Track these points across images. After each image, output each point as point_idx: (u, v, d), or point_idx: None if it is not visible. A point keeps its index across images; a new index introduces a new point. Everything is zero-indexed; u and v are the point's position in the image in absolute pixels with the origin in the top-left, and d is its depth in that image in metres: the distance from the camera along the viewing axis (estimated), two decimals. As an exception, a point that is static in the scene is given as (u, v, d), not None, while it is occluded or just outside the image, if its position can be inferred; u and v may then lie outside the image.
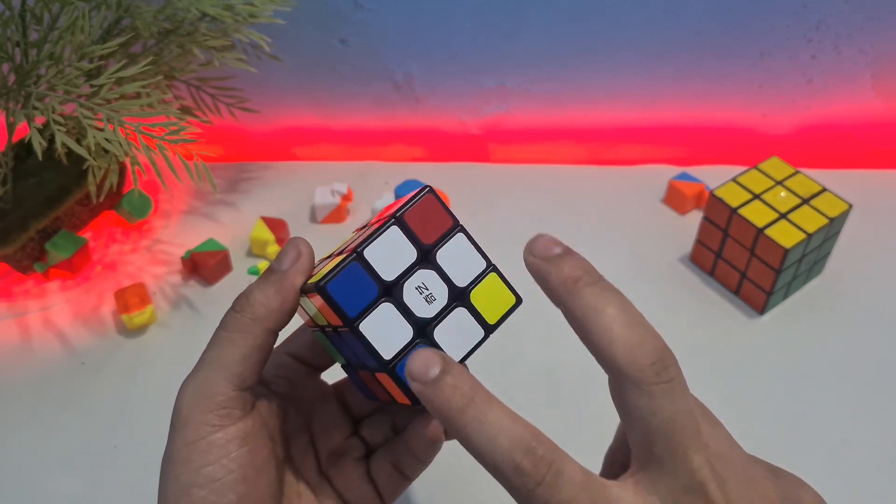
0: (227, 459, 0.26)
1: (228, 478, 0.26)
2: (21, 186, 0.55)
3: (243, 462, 0.26)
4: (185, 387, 0.27)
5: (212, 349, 0.27)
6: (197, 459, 0.26)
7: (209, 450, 0.26)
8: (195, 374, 0.27)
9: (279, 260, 0.28)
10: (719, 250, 0.55)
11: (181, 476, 0.26)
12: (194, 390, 0.27)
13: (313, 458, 0.32)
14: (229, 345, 0.27)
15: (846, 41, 0.62)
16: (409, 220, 0.27)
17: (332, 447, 0.33)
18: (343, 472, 0.32)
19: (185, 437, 0.26)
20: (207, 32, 0.54)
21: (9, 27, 0.47)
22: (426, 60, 0.65)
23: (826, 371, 0.51)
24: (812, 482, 0.41)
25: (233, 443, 0.26)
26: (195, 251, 0.57)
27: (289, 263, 0.28)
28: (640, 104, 0.68)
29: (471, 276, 0.28)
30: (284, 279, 0.27)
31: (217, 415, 0.26)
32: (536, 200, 0.65)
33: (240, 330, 0.27)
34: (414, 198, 0.27)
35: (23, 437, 0.47)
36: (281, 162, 0.69)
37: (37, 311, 0.55)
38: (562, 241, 0.26)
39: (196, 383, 0.27)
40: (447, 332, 0.27)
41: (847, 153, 0.69)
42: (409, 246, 0.27)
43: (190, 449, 0.26)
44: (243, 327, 0.27)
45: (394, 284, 0.26)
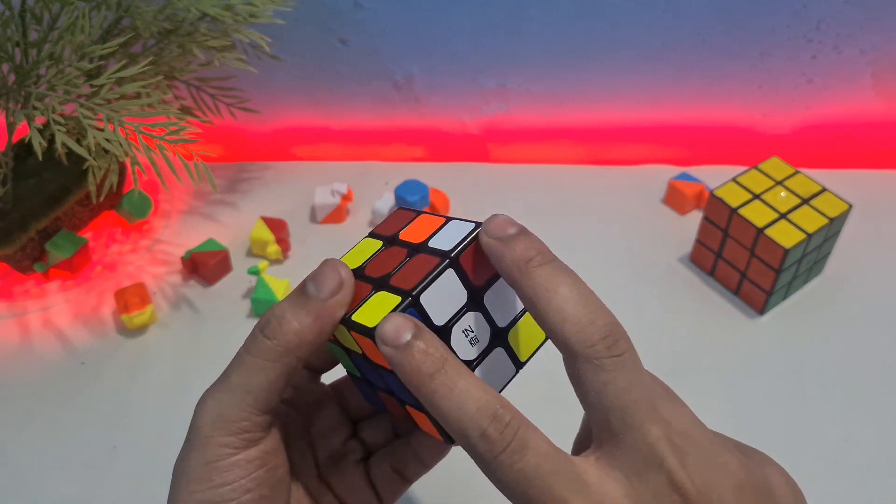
0: (246, 480, 0.26)
1: (245, 497, 0.26)
2: (21, 186, 0.55)
3: (261, 481, 0.26)
4: (205, 404, 0.26)
5: (237, 372, 0.26)
6: (215, 479, 0.26)
7: (229, 470, 0.26)
8: (217, 394, 0.26)
9: (318, 285, 0.26)
10: (719, 250, 0.55)
11: (196, 493, 0.26)
12: (217, 411, 0.26)
13: (313, 461, 0.32)
14: (257, 372, 0.26)
15: (846, 41, 0.62)
16: (464, 262, 0.26)
17: (332, 450, 0.32)
18: (342, 476, 0.32)
19: (205, 456, 0.26)
20: (207, 32, 0.54)
21: (9, 27, 0.47)
22: (426, 60, 0.65)
23: (826, 371, 0.51)
24: (812, 482, 0.41)
25: (252, 463, 0.26)
26: (195, 251, 0.57)
27: (329, 293, 0.26)
28: (640, 104, 0.68)
29: (510, 316, 0.27)
30: (324, 309, 0.26)
31: (239, 438, 0.26)
32: (536, 200, 0.65)
33: (269, 358, 0.26)
34: (468, 236, 0.26)
35: (23, 437, 0.47)
36: (281, 162, 0.69)
37: (37, 311, 0.55)
38: (517, 222, 0.26)
39: (218, 403, 0.26)
40: (484, 372, 0.27)
41: (847, 153, 0.69)
42: (461, 288, 0.26)
43: (209, 469, 0.26)
44: (273, 356, 0.26)
45: (443, 328, 0.26)
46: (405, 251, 0.27)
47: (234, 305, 0.55)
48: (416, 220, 0.29)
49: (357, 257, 0.29)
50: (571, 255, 0.29)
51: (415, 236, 0.28)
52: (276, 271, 0.58)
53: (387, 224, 0.30)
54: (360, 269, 0.28)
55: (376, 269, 0.27)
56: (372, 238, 0.29)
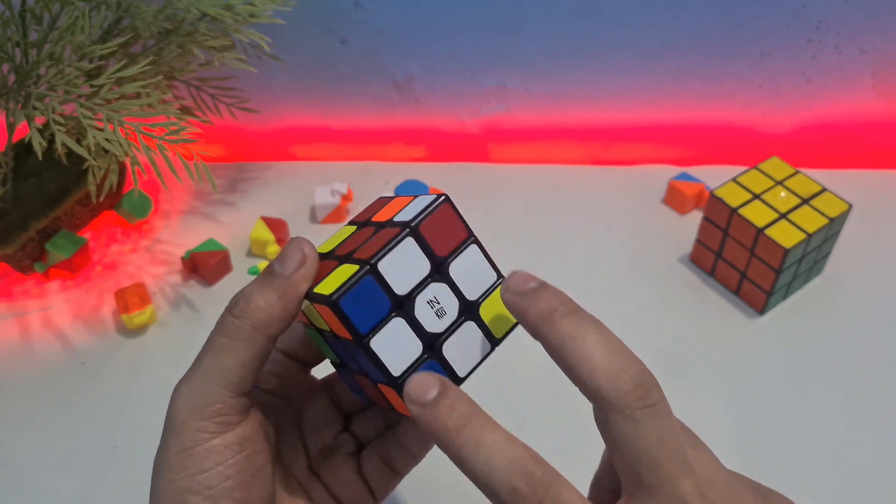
0: (223, 466, 0.26)
1: (225, 484, 0.26)
2: (21, 186, 0.55)
3: (240, 467, 0.26)
4: (179, 391, 0.26)
5: (208, 355, 0.26)
6: (193, 466, 0.25)
7: (206, 456, 0.25)
8: (190, 379, 0.26)
9: (282, 262, 0.26)
10: (719, 250, 0.55)
11: (176, 482, 0.25)
12: (190, 396, 0.26)
13: (304, 455, 0.32)
14: (227, 352, 0.26)
15: (846, 41, 0.62)
16: (424, 232, 0.26)
17: (323, 444, 0.32)
18: (334, 469, 0.32)
19: (181, 443, 0.25)
20: (207, 32, 0.54)
21: (9, 27, 0.47)
22: (426, 60, 0.65)
23: (826, 371, 0.51)
24: (812, 482, 0.41)
25: (230, 449, 0.26)
26: (195, 251, 0.57)
27: (292, 268, 0.26)
28: (640, 104, 0.68)
29: (481, 288, 0.27)
30: (288, 285, 0.26)
31: (214, 422, 0.26)
32: (536, 200, 0.65)
33: (238, 337, 0.26)
34: (429, 207, 0.26)
35: (23, 437, 0.47)
36: (281, 162, 0.69)
37: (37, 311, 0.55)
38: (536, 277, 0.25)
39: (191, 389, 0.26)
40: (455, 346, 0.27)
41: (847, 153, 0.69)
42: (423, 258, 0.26)
43: (185, 455, 0.25)
44: (242, 334, 0.26)
45: (406, 298, 0.26)
46: (372, 229, 0.28)
47: (234, 305, 0.55)
48: (389, 203, 0.29)
49: (332, 243, 0.29)
50: (571, 255, 0.30)
51: (384, 216, 0.28)
52: (276, 271, 0.58)
53: (364, 211, 0.30)
54: (330, 252, 0.28)
55: (344, 249, 0.27)
56: (349, 225, 0.30)
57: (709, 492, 0.24)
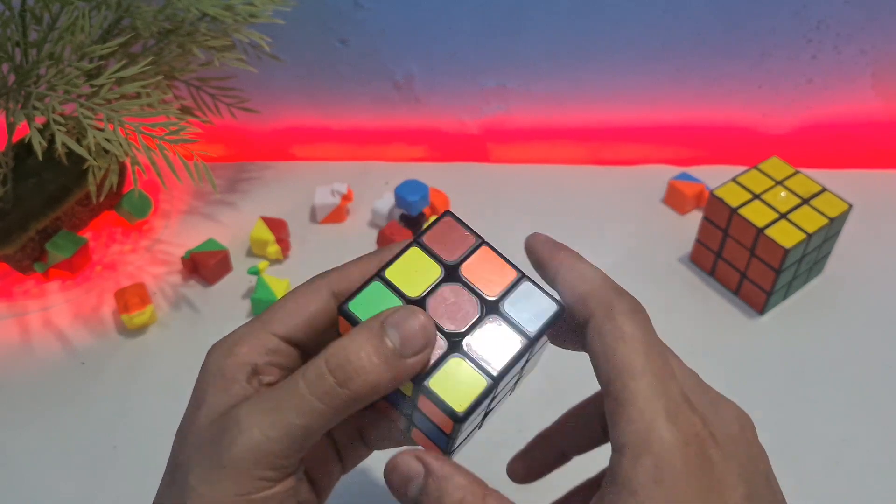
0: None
1: None
2: (21, 186, 0.55)
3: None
4: (250, 434, 0.24)
5: (297, 412, 0.24)
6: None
7: (264, 502, 0.24)
8: (266, 424, 0.24)
9: (404, 340, 0.24)
10: (719, 250, 0.55)
11: None
12: (261, 442, 0.24)
13: None
14: (319, 417, 0.24)
15: (846, 41, 0.62)
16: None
17: None
18: None
19: (241, 487, 0.24)
20: (207, 32, 0.54)
21: (9, 27, 0.47)
22: (426, 60, 0.65)
23: (826, 371, 0.51)
24: (812, 482, 0.41)
25: (287, 493, 0.25)
26: (195, 251, 0.57)
27: (412, 352, 0.24)
28: (640, 104, 0.68)
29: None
30: (403, 368, 0.24)
31: (278, 472, 0.24)
32: (536, 200, 0.65)
33: (336, 407, 0.24)
34: (549, 319, 0.27)
35: (23, 437, 0.47)
36: (281, 162, 0.69)
37: (37, 311, 0.55)
38: None
39: (266, 439, 0.24)
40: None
41: (847, 153, 0.69)
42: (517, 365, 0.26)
43: (242, 500, 0.24)
44: (342, 405, 0.24)
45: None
46: (475, 302, 0.27)
47: (234, 305, 0.55)
48: (476, 254, 0.28)
49: (407, 274, 0.27)
50: (571, 256, 0.30)
51: (482, 283, 0.27)
52: (276, 271, 0.58)
53: (433, 235, 0.28)
54: (420, 298, 0.27)
55: (437, 312, 0.26)
56: (420, 249, 0.28)
57: (692, 396, 0.25)
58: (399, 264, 0.27)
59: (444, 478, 0.23)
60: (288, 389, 0.24)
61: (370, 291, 0.26)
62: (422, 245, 0.27)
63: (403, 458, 0.24)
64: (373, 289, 0.26)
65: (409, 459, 0.24)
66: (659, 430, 0.22)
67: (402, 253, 0.27)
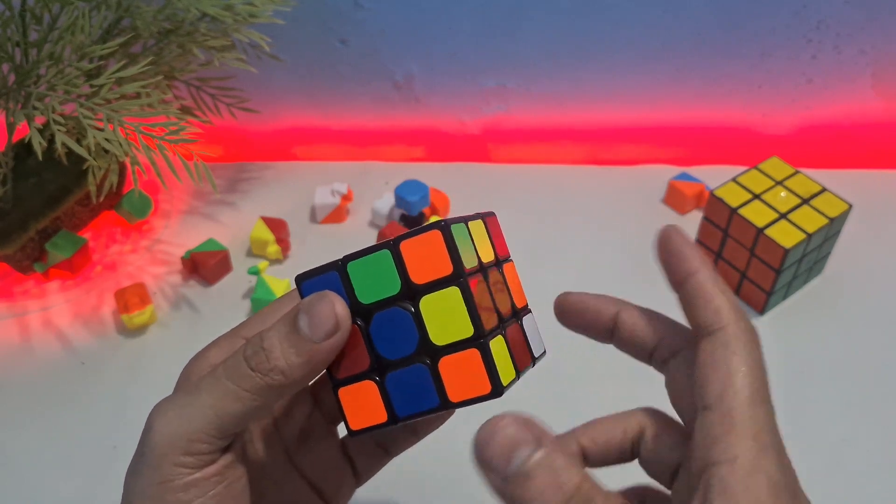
0: (204, 499, 0.24)
1: None
2: (21, 186, 0.55)
3: (222, 498, 0.25)
4: (163, 415, 0.24)
5: (209, 393, 0.24)
6: (170, 498, 0.24)
7: (186, 490, 0.24)
8: (179, 407, 0.24)
9: (311, 325, 0.24)
10: (719, 250, 0.55)
11: None
12: (176, 426, 0.24)
13: (279, 445, 0.30)
14: (234, 401, 0.24)
15: (846, 41, 0.62)
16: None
17: (298, 428, 0.30)
18: (313, 455, 0.30)
19: (160, 475, 0.24)
20: (207, 32, 0.54)
21: (9, 27, 0.47)
22: (426, 60, 0.65)
23: (826, 371, 0.51)
24: (812, 482, 0.41)
25: (210, 481, 0.24)
26: (195, 251, 0.57)
27: (322, 335, 0.24)
28: (640, 104, 0.68)
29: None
30: (315, 353, 0.24)
31: (198, 458, 0.24)
32: (536, 200, 0.65)
33: (249, 389, 0.24)
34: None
35: (23, 437, 0.47)
36: (281, 162, 0.69)
37: (37, 311, 0.55)
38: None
39: (179, 420, 0.24)
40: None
41: (847, 153, 0.69)
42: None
43: (163, 488, 0.24)
44: (254, 388, 0.24)
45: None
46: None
47: (234, 305, 0.55)
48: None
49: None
50: (571, 255, 0.29)
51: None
52: (276, 271, 0.58)
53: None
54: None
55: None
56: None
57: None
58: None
59: (560, 455, 0.20)
60: (209, 377, 0.25)
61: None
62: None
63: (508, 422, 0.21)
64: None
65: (516, 424, 0.20)
66: (771, 456, 0.22)
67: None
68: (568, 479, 0.19)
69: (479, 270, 0.24)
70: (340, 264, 0.25)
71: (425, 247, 0.24)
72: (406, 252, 0.24)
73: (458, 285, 0.23)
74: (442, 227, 0.23)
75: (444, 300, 0.23)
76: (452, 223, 0.24)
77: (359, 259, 0.25)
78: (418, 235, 0.24)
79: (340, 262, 0.25)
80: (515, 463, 0.19)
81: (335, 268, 0.25)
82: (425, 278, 0.24)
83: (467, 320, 0.23)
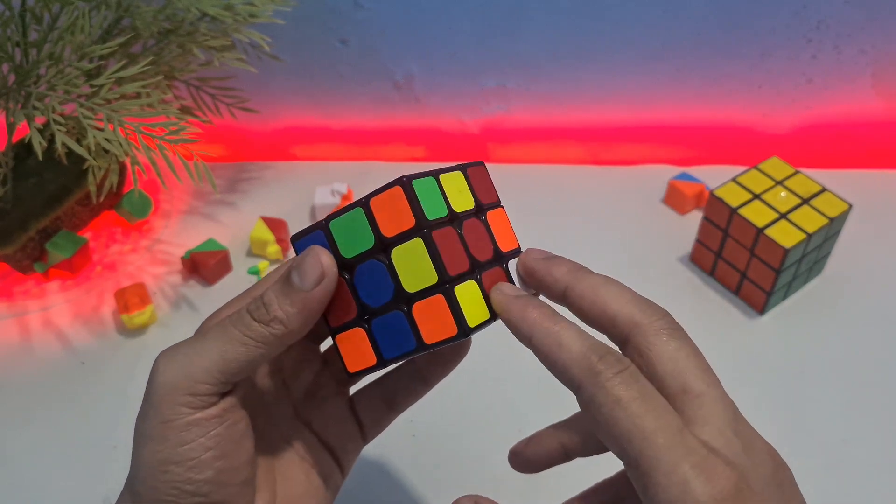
0: (205, 438, 0.26)
1: (206, 455, 0.26)
2: (21, 186, 0.55)
3: (222, 437, 0.26)
4: (170, 360, 0.26)
5: (216, 337, 0.26)
6: (173, 438, 0.25)
7: (187, 429, 0.25)
8: (184, 351, 0.26)
9: (301, 275, 0.26)
10: (719, 250, 0.55)
11: (157, 453, 0.25)
12: (180, 368, 0.26)
13: (288, 402, 0.32)
14: (239, 345, 0.26)
15: (846, 41, 0.62)
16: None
17: (307, 385, 0.32)
18: (322, 409, 0.32)
19: (162, 415, 0.25)
20: (207, 32, 0.54)
21: (9, 27, 0.47)
22: (426, 60, 0.65)
23: (826, 371, 0.51)
24: (812, 482, 0.41)
25: (212, 421, 0.26)
26: (195, 251, 0.57)
27: (311, 283, 0.26)
28: (640, 104, 0.68)
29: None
30: (308, 300, 0.26)
31: (199, 399, 0.25)
32: (536, 200, 0.65)
33: (255, 338, 0.26)
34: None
35: (23, 437, 0.47)
36: (281, 162, 0.69)
37: (37, 311, 0.55)
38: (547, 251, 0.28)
39: (184, 362, 0.26)
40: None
41: (847, 153, 0.69)
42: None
43: (166, 427, 0.25)
44: (259, 337, 0.26)
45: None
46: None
47: (234, 305, 0.55)
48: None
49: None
50: (571, 256, 0.30)
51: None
52: (276, 271, 0.58)
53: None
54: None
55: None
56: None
57: (721, 437, 0.24)
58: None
59: None
60: (216, 326, 0.27)
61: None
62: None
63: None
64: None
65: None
66: (693, 491, 0.21)
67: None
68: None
69: (450, 221, 0.26)
70: (324, 223, 0.27)
71: (390, 202, 0.26)
72: (375, 208, 0.26)
73: (420, 236, 0.25)
74: (402, 182, 0.26)
75: (411, 251, 0.26)
76: (416, 178, 0.26)
77: (338, 217, 0.27)
78: (384, 192, 0.26)
79: (324, 221, 0.27)
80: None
81: (320, 227, 0.27)
82: (393, 231, 0.26)
83: (431, 268, 0.25)
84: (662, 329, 0.24)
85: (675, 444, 0.22)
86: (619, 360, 0.23)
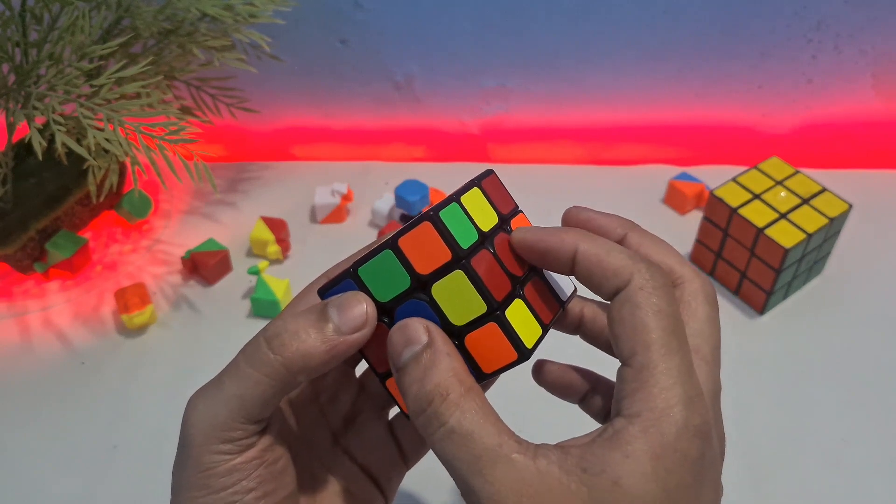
0: (246, 480, 0.25)
1: (249, 497, 0.25)
2: (21, 186, 0.55)
3: (263, 478, 0.26)
4: (195, 409, 0.25)
5: (231, 381, 0.25)
6: (214, 485, 0.25)
7: (228, 475, 0.25)
8: (209, 399, 0.25)
9: (342, 316, 0.25)
10: (719, 250, 0.55)
11: (199, 499, 0.25)
12: (207, 418, 0.25)
13: (327, 430, 0.31)
14: (253, 385, 0.24)
15: (846, 41, 0.62)
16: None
17: (344, 413, 0.31)
18: (361, 436, 0.31)
19: (200, 464, 0.25)
20: (207, 32, 0.54)
21: (9, 27, 0.47)
22: (426, 60, 0.65)
23: (826, 371, 0.51)
24: (812, 482, 0.41)
25: (251, 464, 0.25)
26: (195, 251, 0.57)
27: (351, 328, 0.25)
28: (640, 104, 0.68)
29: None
30: (341, 344, 0.25)
31: (235, 445, 0.25)
32: (536, 200, 0.64)
33: (268, 374, 0.24)
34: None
35: (23, 437, 0.47)
36: (281, 162, 0.69)
37: (37, 311, 0.55)
38: None
39: (211, 412, 0.25)
40: None
41: (847, 153, 0.69)
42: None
43: (206, 476, 0.25)
44: (272, 371, 0.24)
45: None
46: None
47: (234, 305, 0.55)
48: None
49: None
50: (571, 255, 0.29)
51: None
52: (276, 271, 0.58)
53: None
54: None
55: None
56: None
57: None
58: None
59: (442, 355, 0.23)
60: (229, 366, 0.25)
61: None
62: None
63: (414, 322, 0.24)
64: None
65: (418, 325, 0.24)
66: (675, 413, 0.22)
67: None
68: (438, 375, 0.23)
69: (482, 244, 0.25)
70: (352, 271, 0.25)
71: (421, 239, 0.24)
72: (405, 247, 0.25)
73: (460, 268, 0.24)
74: (430, 217, 0.24)
75: (453, 284, 0.24)
76: (442, 208, 0.24)
77: (366, 263, 0.25)
78: (412, 230, 0.24)
79: (351, 269, 0.25)
80: (404, 357, 0.24)
81: (348, 275, 0.26)
82: (430, 268, 0.25)
83: (478, 298, 0.24)
84: (664, 285, 0.25)
85: (683, 370, 0.23)
86: (664, 274, 0.24)
